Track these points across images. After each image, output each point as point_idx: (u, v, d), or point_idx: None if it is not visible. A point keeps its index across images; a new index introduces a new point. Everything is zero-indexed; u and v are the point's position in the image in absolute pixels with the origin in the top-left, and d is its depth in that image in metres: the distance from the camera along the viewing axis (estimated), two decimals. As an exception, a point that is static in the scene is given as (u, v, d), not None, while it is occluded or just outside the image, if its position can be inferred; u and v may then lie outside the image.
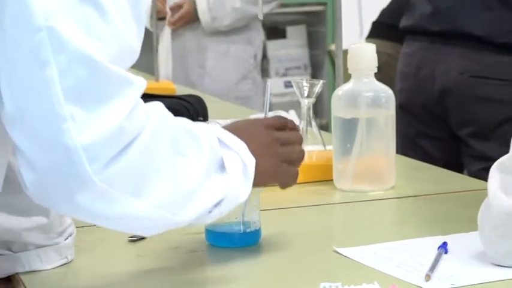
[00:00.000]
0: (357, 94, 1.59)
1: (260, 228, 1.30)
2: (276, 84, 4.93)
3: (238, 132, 1.16)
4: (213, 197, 1.08)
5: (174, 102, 2.02)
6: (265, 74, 4.77)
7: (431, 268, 1.14)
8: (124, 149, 0.98)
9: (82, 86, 0.95)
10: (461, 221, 1.33)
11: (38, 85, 0.94)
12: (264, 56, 4.69)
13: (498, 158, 1.16)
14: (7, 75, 0.95)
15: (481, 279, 1.12)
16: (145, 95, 2.08)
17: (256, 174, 1.13)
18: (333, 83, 1.85)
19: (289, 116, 2.23)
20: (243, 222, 1.27)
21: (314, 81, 1.69)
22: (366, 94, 1.58)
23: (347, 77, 1.63)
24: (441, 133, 2.39)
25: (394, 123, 1.61)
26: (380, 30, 3.00)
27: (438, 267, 1.16)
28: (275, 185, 1.24)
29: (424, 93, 2.36)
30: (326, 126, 4.20)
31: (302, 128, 1.72)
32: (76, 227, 1.25)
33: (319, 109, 4.69)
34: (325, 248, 1.27)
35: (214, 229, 1.27)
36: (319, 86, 1.68)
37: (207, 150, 1.08)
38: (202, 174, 1.06)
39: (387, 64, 2.56)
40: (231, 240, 1.26)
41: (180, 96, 2.11)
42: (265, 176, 1.17)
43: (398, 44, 2.69)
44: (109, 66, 0.96)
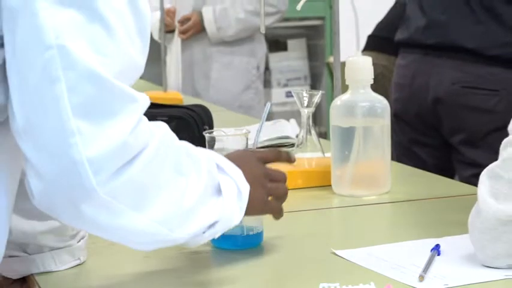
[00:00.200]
0: (354, 104, 1.59)
1: (262, 231, 1.29)
2: (278, 94, 4.94)
3: (233, 161, 1.17)
4: (209, 218, 1.08)
5: (182, 111, 2.01)
6: (267, 85, 4.77)
7: (424, 269, 1.14)
8: (128, 164, 0.97)
9: (89, 102, 0.94)
10: (453, 224, 1.33)
11: (48, 100, 0.94)
12: (266, 68, 4.69)
13: (488, 165, 1.16)
14: (18, 89, 0.95)
15: (473, 279, 1.12)
16: (154, 105, 2.09)
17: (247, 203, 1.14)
18: (331, 94, 1.85)
19: (289, 125, 2.23)
20: (246, 225, 1.26)
21: (313, 91, 1.69)
22: (363, 104, 1.58)
23: (345, 88, 1.63)
24: (434, 140, 2.38)
25: (389, 131, 1.61)
26: (375, 43, 3.00)
27: (431, 268, 1.16)
28: None
29: (418, 102, 2.35)
30: (325, 134, 4.19)
31: (302, 136, 1.72)
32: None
33: (318, 118, 4.69)
34: (324, 250, 1.27)
35: None
36: (318, 97, 1.68)
37: (206, 173, 1.08)
38: (200, 195, 1.06)
39: (382, 75, 2.56)
40: (234, 242, 1.25)
41: (187, 106, 2.11)
42: (253, 206, 1.17)
43: (392, 56, 2.69)
44: (115, 83, 0.96)
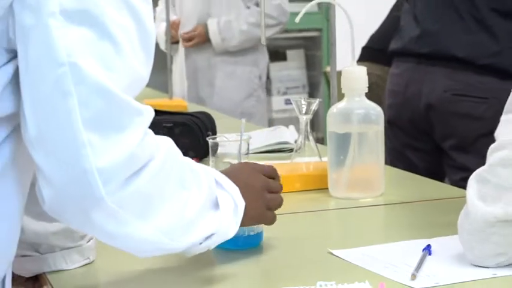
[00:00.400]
0: (350, 111, 1.58)
1: (262, 231, 1.29)
2: (278, 101, 4.94)
3: (235, 172, 1.19)
4: (206, 230, 1.09)
5: (186, 118, 2.01)
6: (267, 93, 4.76)
7: (416, 268, 1.14)
8: (135, 174, 0.98)
9: (99, 116, 0.95)
10: (443, 226, 1.32)
11: (60, 113, 0.94)
12: (267, 77, 4.69)
13: (476, 169, 1.15)
14: (31, 102, 0.95)
15: (462, 278, 1.12)
16: (160, 112, 2.09)
17: (243, 215, 1.14)
18: (328, 101, 1.84)
19: (288, 131, 2.23)
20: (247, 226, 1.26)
21: (311, 99, 1.68)
22: (358, 111, 1.58)
23: (341, 96, 1.62)
24: (425, 145, 2.38)
25: (383, 137, 1.61)
26: (369, 54, 3.00)
27: (423, 267, 1.15)
28: None
29: (411, 109, 2.34)
30: (322, 139, 4.19)
31: (300, 141, 1.72)
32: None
33: (315, 124, 4.69)
34: (321, 250, 1.26)
35: None
36: (315, 104, 1.68)
37: (206, 188, 1.08)
38: (200, 208, 1.07)
39: (376, 85, 2.55)
40: (236, 242, 1.25)
41: (191, 112, 2.10)
42: (251, 217, 1.19)
43: (386, 67, 2.69)
44: (123, 97, 0.96)
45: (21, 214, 1.05)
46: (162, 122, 1.94)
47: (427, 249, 1.21)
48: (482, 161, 1.15)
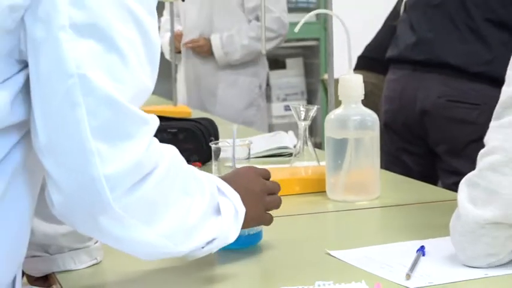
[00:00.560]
0: (347, 118, 1.58)
1: (261, 230, 1.29)
2: (277, 108, 4.95)
3: (236, 177, 1.19)
4: (208, 235, 1.09)
5: (190, 124, 2.01)
6: (268, 100, 4.76)
7: (411, 268, 1.14)
8: (141, 181, 0.98)
9: (107, 125, 0.95)
10: (436, 228, 1.32)
11: (69, 123, 0.94)
12: (267, 84, 4.68)
13: (468, 173, 1.15)
14: (41, 112, 0.95)
15: (454, 278, 1.12)
16: (165, 118, 2.09)
17: (244, 219, 1.15)
18: (326, 108, 1.84)
19: (288, 136, 2.22)
20: None
21: (310, 106, 1.68)
22: (354, 118, 1.58)
23: (338, 103, 1.62)
24: (420, 149, 2.37)
25: (379, 142, 1.61)
26: (365, 63, 3.00)
27: (417, 267, 1.15)
28: None
29: (406, 114, 2.34)
30: (320, 144, 4.18)
31: (299, 146, 1.72)
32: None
33: (314, 130, 4.69)
34: (319, 251, 1.26)
35: None
36: (314, 111, 1.68)
37: (208, 194, 1.09)
38: (202, 214, 1.07)
39: (372, 92, 2.55)
40: (237, 242, 1.24)
41: (195, 119, 2.10)
42: (252, 219, 1.19)
43: (381, 75, 2.69)
44: (130, 107, 0.96)
45: (31, 216, 1.05)
46: (167, 128, 1.94)
47: (421, 250, 1.21)
48: (473, 166, 1.15)
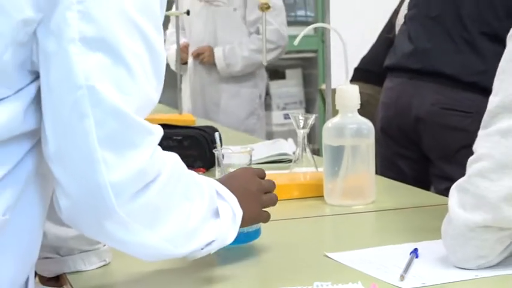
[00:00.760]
0: (343, 126, 1.58)
1: (260, 227, 1.28)
2: (277, 116, 4.95)
3: (234, 179, 1.19)
4: (207, 237, 1.09)
5: (194, 131, 2.01)
6: (268, 108, 4.77)
7: (404, 270, 1.13)
8: (144, 188, 0.98)
9: (114, 135, 0.95)
10: (429, 231, 1.32)
11: (78, 133, 0.94)
12: (268, 93, 4.70)
13: (458, 179, 1.15)
14: (51, 120, 0.95)
15: (447, 279, 1.11)
16: (171, 126, 2.08)
17: (242, 218, 1.14)
18: (323, 117, 1.85)
19: (287, 144, 2.22)
20: None
21: (308, 115, 1.68)
22: (351, 126, 1.58)
23: (335, 112, 1.62)
24: (414, 154, 2.37)
25: (374, 149, 1.61)
26: (360, 74, 3.00)
27: (410, 269, 1.15)
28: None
29: (402, 119, 2.34)
30: (318, 151, 4.18)
31: (298, 153, 1.72)
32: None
33: (312, 137, 4.68)
34: (317, 253, 1.26)
35: None
36: (312, 119, 1.68)
37: (208, 198, 1.09)
38: (202, 218, 1.07)
39: (368, 102, 2.54)
40: (237, 239, 1.23)
41: (199, 126, 2.10)
42: (250, 218, 1.19)
43: (376, 86, 2.69)
44: (135, 118, 0.96)
45: (43, 220, 1.05)
46: (173, 135, 1.94)
47: (415, 252, 1.21)
48: (464, 171, 1.15)
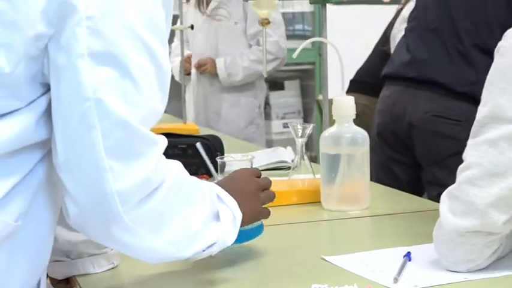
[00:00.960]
0: (340, 135, 1.59)
1: (262, 223, 1.26)
2: (276, 125, 4.96)
3: (233, 181, 1.19)
4: (209, 240, 1.09)
5: (198, 140, 2.01)
6: (268, 118, 4.78)
7: (398, 273, 1.14)
8: (149, 195, 0.99)
9: (120, 146, 0.95)
10: (422, 235, 1.32)
11: (85, 143, 0.95)
12: (267, 103, 4.71)
13: (448, 185, 1.16)
14: (60, 131, 0.96)
15: (438, 281, 1.12)
16: (175, 135, 2.08)
17: (242, 218, 1.15)
18: (321, 126, 1.85)
19: (286, 152, 2.23)
20: None
21: (306, 124, 1.69)
22: (347, 135, 1.58)
23: (332, 122, 1.63)
24: (408, 160, 2.37)
25: (369, 157, 1.61)
26: (356, 86, 3.01)
27: (404, 272, 1.15)
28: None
29: (396, 125, 2.34)
30: (315, 159, 4.18)
31: (297, 161, 1.72)
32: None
33: (310, 145, 4.68)
34: (314, 256, 1.26)
35: None
36: (310, 129, 1.68)
37: (209, 203, 1.09)
38: (203, 221, 1.08)
39: (363, 112, 2.54)
40: (239, 237, 1.22)
41: (203, 135, 2.11)
42: (250, 217, 1.20)
43: (371, 97, 2.69)
44: (141, 129, 0.97)
45: (54, 226, 1.05)
46: (178, 144, 1.95)
47: (408, 255, 1.21)
48: (454, 177, 1.15)
